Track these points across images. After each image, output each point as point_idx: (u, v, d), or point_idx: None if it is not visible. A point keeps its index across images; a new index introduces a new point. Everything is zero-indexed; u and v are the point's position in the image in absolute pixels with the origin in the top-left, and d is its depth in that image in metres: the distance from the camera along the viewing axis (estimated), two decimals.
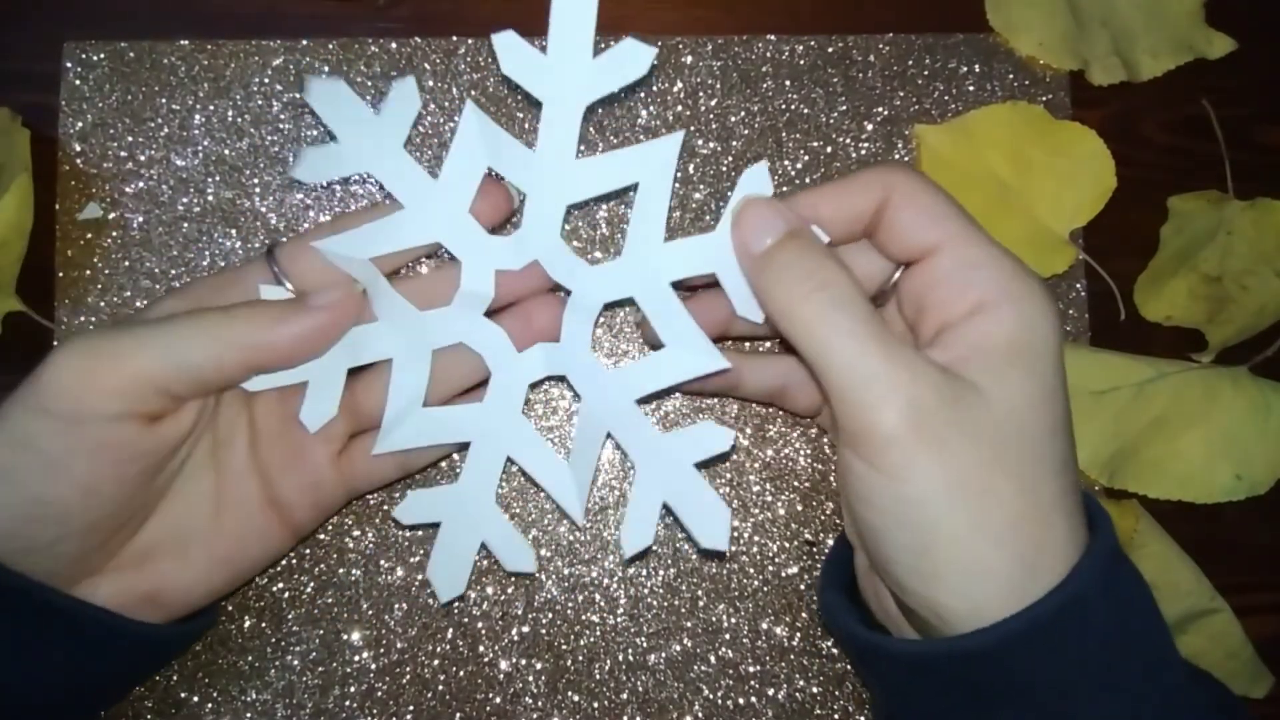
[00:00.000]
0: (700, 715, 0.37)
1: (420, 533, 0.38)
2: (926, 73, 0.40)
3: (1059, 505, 0.27)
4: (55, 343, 0.38)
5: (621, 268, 0.33)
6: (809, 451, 0.39)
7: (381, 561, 0.38)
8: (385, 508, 0.38)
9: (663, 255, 0.32)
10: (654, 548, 0.38)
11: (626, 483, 0.38)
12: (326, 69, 0.39)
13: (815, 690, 0.38)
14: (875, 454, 0.27)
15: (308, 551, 0.37)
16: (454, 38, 0.39)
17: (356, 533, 0.38)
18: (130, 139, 0.39)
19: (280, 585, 0.37)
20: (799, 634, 0.38)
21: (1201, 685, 0.30)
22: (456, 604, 0.37)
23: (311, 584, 0.37)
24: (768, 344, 0.39)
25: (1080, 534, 0.27)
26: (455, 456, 0.38)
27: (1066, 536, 0.27)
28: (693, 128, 0.40)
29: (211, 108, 0.39)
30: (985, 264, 0.28)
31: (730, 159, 0.40)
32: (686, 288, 0.33)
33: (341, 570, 0.37)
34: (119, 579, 0.31)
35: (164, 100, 0.39)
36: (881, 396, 0.26)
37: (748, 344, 0.39)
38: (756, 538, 0.38)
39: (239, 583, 0.34)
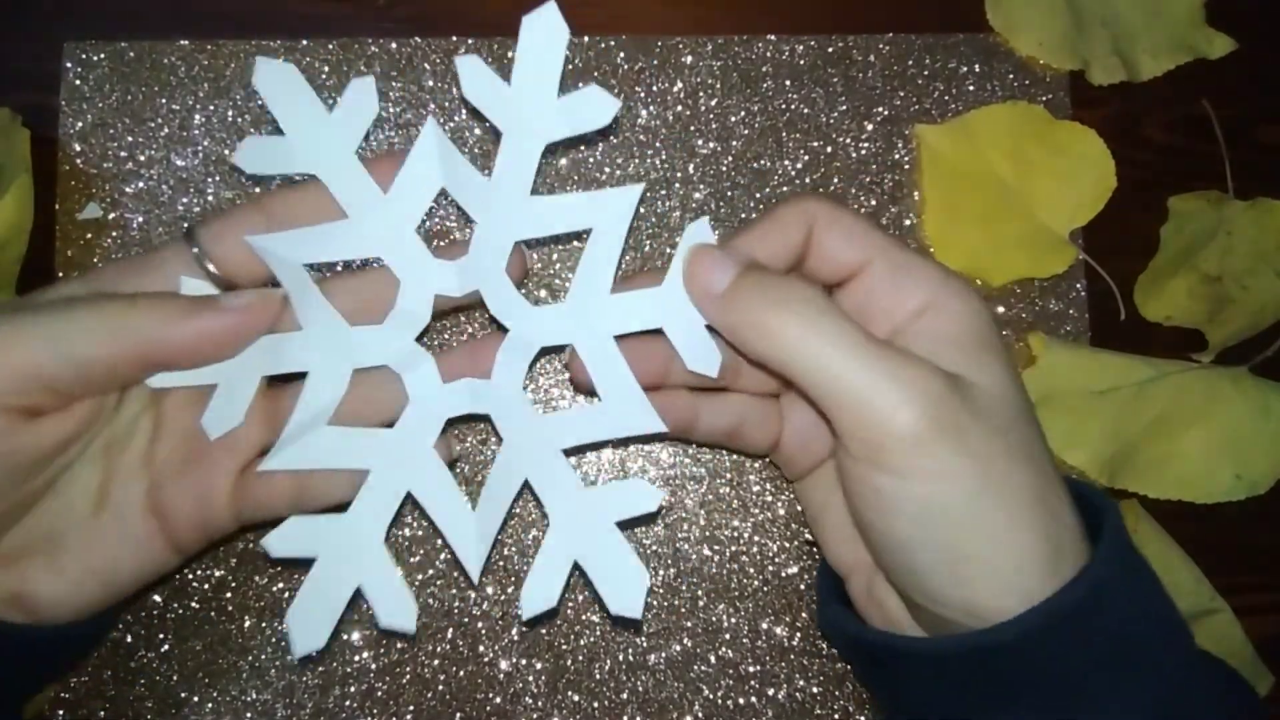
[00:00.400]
0: (700, 715, 0.37)
1: (421, 531, 0.38)
2: (926, 72, 0.40)
3: (1058, 479, 0.28)
4: None
5: (565, 313, 0.32)
6: None
7: None
8: None
9: (608, 306, 0.31)
10: (654, 547, 0.38)
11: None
12: (327, 69, 0.39)
13: (815, 690, 0.38)
14: (897, 459, 0.26)
15: None
16: (454, 38, 0.39)
17: None
18: (130, 139, 0.39)
19: (280, 585, 0.37)
20: (799, 634, 0.38)
21: (1213, 668, 0.30)
22: (457, 604, 0.37)
23: None
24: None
25: (1077, 510, 0.28)
26: None
27: (1071, 508, 0.27)
28: (693, 127, 0.40)
29: (212, 108, 0.39)
30: (917, 267, 0.29)
31: (730, 159, 0.40)
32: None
33: None
34: None
35: (164, 100, 0.39)
36: (897, 398, 0.26)
37: None
38: (756, 538, 0.38)
39: (116, 596, 0.31)
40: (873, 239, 0.29)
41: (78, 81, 0.39)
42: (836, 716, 0.38)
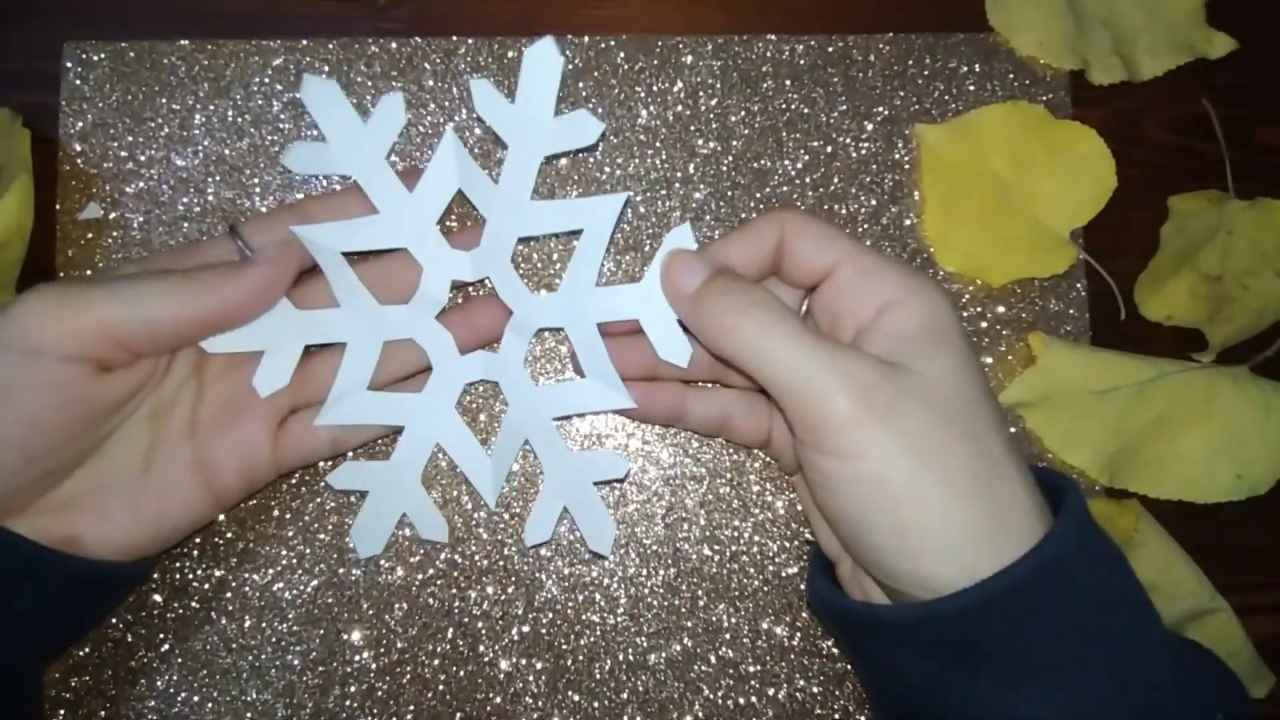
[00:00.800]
0: (700, 715, 0.37)
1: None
2: (927, 72, 0.40)
3: (1009, 459, 0.29)
4: None
5: (557, 301, 0.36)
6: None
7: (382, 561, 0.38)
8: None
9: (593, 298, 0.35)
10: (654, 547, 0.38)
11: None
12: (327, 69, 0.39)
13: (815, 690, 0.38)
14: (835, 441, 0.28)
15: (308, 551, 0.38)
16: (454, 38, 0.39)
17: None
18: (130, 139, 0.39)
19: (281, 585, 0.37)
20: (799, 634, 0.38)
21: (1187, 648, 0.31)
22: (457, 604, 0.37)
23: (312, 584, 0.37)
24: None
25: (1038, 493, 0.29)
26: (381, 442, 0.38)
27: (1025, 489, 0.29)
28: (693, 127, 0.40)
29: (212, 108, 0.39)
30: (881, 270, 0.31)
31: (730, 159, 0.40)
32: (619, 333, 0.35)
33: (342, 570, 0.37)
34: (36, 522, 0.31)
35: (164, 100, 0.39)
36: (830, 384, 0.28)
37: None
38: (756, 537, 0.38)
39: (160, 544, 0.34)
40: (840, 245, 0.32)
41: (78, 81, 0.39)
42: (836, 716, 0.38)
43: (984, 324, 0.40)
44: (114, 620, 0.37)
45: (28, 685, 0.34)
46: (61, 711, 0.36)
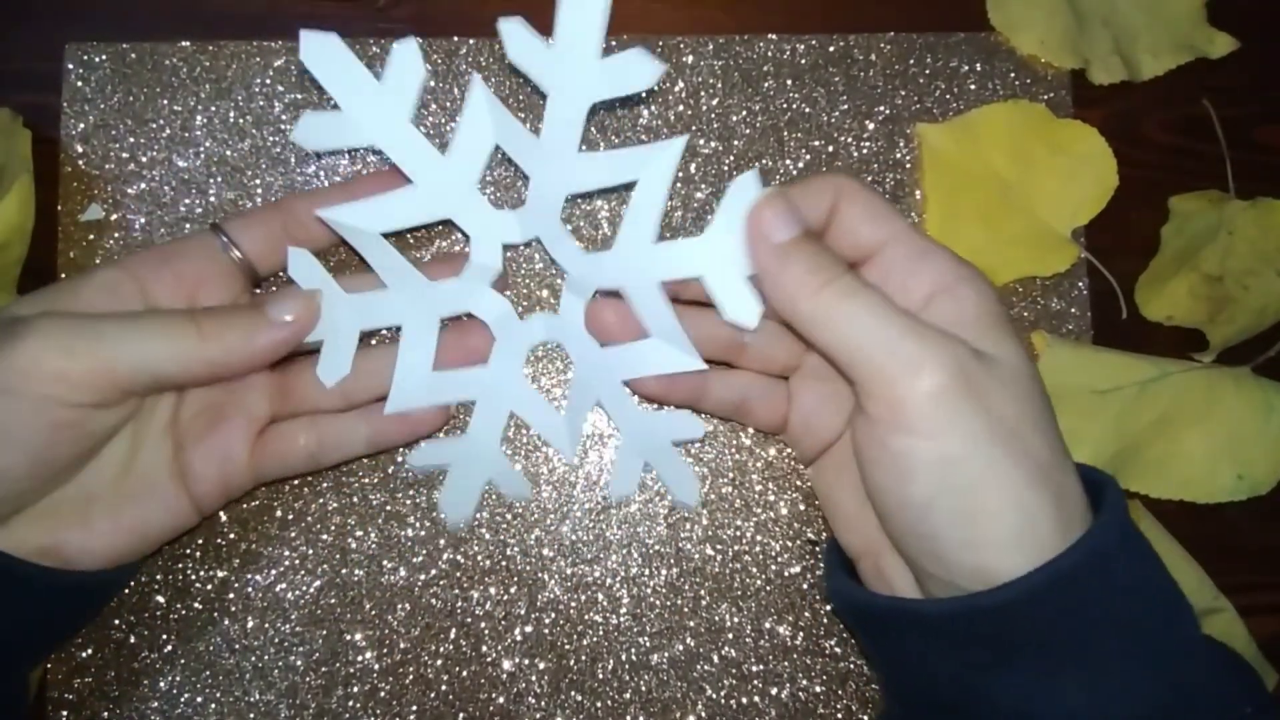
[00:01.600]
0: (703, 715, 0.37)
1: (424, 532, 0.38)
2: (928, 71, 0.40)
3: (1067, 455, 0.29)
4: None
5: (613, 260, 0.34)
6: None
7: (384, 562, 0.38)
8: (388, 508, 0.38)
9: (653, 255, 0.33)
10: (657, 547, 0.38)
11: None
12: None
13: (818, 689, 0.38)
14: (915, 417, 0.27)
15: (310, 552, 0.38)
16: (455, 38, 0.39)
17: (359, 533, 0.38)
18: (132, 140, 0.39)
19: (283, 586, 0.37)
20: (802, 633, 0.38)
21: (1216, 646, 0.31)
22: (459, 604, 0.38)
23: (315, 584, 0.37)
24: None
25: (1083, 486, 0.29)
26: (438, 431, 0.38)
27: (1079, 485, 0.29)
28: (694, 127, 0.40)
29: (213, 109, 0.39)
30: (932, 253, 0.30)
31: (731, 158, 0.40)
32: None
33: (344, 570, 0.38)
34: (14, 531, 0.31)
35: (165, 101, 0.39)
36: (920, 358, 0.27)
37: None
38: (759, 537, 0.38)
39: (142, 550, 0.34)
40: (893, 222, 0.31)
41: (79, 83, 0.39)
42: (840, 716, 0.38)
43: None
44: (117, 622, 0.37)
45: (10, 691, 0.34)
46: (65, 713, 0.36)
